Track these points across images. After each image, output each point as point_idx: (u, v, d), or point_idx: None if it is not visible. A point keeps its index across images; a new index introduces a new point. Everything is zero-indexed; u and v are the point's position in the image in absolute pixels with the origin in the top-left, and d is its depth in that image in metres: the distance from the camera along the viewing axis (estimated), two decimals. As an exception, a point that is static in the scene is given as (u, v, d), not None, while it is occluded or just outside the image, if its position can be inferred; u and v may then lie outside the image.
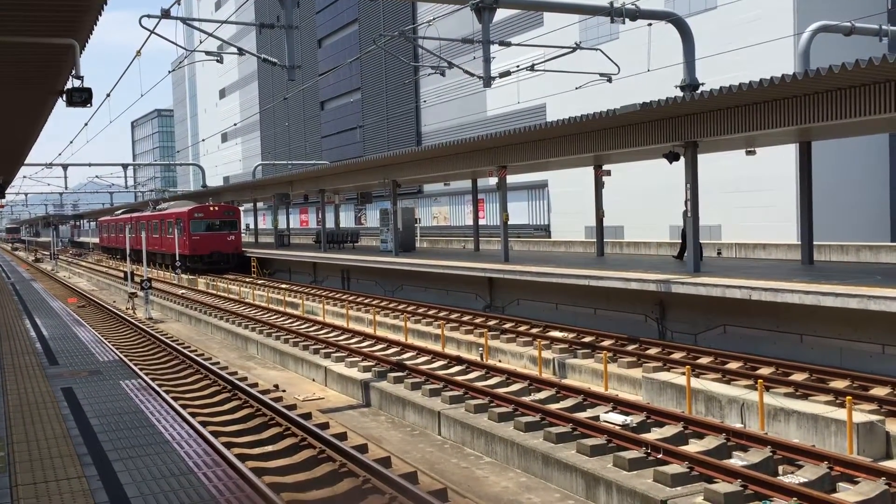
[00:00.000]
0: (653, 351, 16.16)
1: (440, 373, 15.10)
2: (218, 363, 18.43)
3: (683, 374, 12.76)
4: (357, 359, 17.05)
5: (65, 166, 54.83)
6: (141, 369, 17.23)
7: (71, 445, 7.45)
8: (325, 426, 12.49)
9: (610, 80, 21.46)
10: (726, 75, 23.66)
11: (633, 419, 11.43)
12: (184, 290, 35.60)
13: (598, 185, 25.03)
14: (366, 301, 27.43)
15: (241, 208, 52.39)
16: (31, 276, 43.29)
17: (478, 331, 19.81)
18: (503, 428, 11.57)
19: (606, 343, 17.19)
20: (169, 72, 22.91)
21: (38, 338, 15.05)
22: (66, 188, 65.24)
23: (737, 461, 9.66)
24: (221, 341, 23.51)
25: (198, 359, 18.03)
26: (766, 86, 13.91)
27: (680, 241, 22.90)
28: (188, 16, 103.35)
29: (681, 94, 18.21)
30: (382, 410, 14.36)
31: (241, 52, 18.47)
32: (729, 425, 10.86)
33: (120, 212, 68.36)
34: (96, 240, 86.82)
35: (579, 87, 23.95)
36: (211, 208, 44.31)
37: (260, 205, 58.07)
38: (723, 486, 8.69)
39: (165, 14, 16.56)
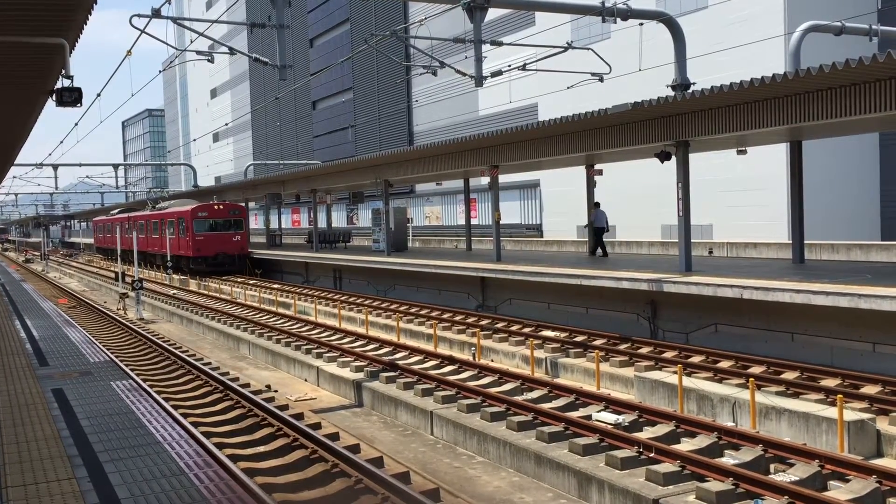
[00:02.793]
0: (645, 350, 16.19)
1: (432, 372, 15.10)
2: (209, 363, 18.38)
3: (675, 372, 12.78)
4: (349, 359, 17.03)
5: (55, 166, 54.54)
6: (132, 370, 17.16)
7: (61, 447, 7.41)
8: (317, 426, 12.47)
9: (601, 80, 21.49)
10: (717, 75, 23.72)
11: (625, 418, 11.45)
12: (175, 291, 35.49)
13: (590, 185, 25.05)
14: (358, 301, 27.40)
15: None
16: (22, 276, 43.10)
17: (470, 330, 19.81)
18: (495, 427, 11.57)
19: (598, 342, 17.22)
20: (160, 71, 22.85)
21: (28, 339, 14.98)
22: (56, 188, 64.93)
23: (728, 460, 9.68)
24: (213, 342, 23.45)
25: (189, 359, 17.98)
26: (757, 85, 13.94)
27: (589, 237, 25.65)
28: (179, 15, 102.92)
29: (672, 93, 18.25)
30: (375, 410, 14.34)
31: (232, 51, 18.42)
32: (721, 424, 10.89)
33: (116, 211, 66.77)
34: (87, 240, 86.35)
35: (571, 86, 23.97)
36: (215, 207, 41.93)
37: (252, 205, 57.96)
38: (715, 485, 8.71)
39: (156, 13, 16.51)
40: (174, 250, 42.39)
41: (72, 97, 11.15)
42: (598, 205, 24.89)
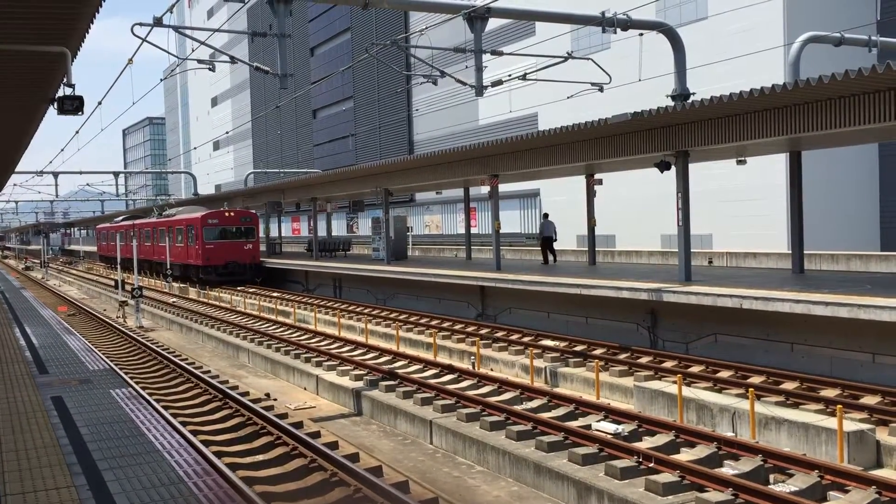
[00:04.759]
0: (644, 360, 16.18)
1: (432, 381, 15.09)
2: (209, 372, 18.36)
3: (675, 382, 12.77)
4: (349, 367, 17.02)
5: (55, 174, 54.62)
6: (131, 378, 17.15)
7: (60, 455, 7.40)
8: (316, 435, 12.46)
9: (601, 90, 21.52)
10: (717, 85, 23.78)
11: (624, 428, 11.44)
12: (175, 299, 35.48)
13: (590, 194, 25.08)
14: (357, 310, 27.39)
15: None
16: (21, 284, 43.09)
17: (470, 339, 19.80)
18: (495, 437, 11.56)
19: (598, 352, 17.21)
20: (161, 80, 22.91)
21: (27, 346, 14.97)
22: (56, 196, 64.96)
23: (728, 470, 9.67)
24: (212, 350, 23.43)
25: (188, 367, 17.96)
26: (757, 96, 13.98)
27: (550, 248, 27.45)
28: (180, 24, 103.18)
29: (672, 103, 18.29)
30: (374, 419, 14.32)
31: (233, 60, 18.47)
32: (720, 434, 10.88)
33: (121, 218, 65.64)
34: (87, 248, 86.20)
35: (571, 96, 24.02)
36: (226, 214, 40.28)
37: (252, 213, 57.81)
38: (714, 495, 8.70)
39: (157, 22, 16.54)
40: (183, 259, 41.54)
41: (73, 105, 11.17)
42: (546, 216, 27.34)
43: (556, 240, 27.35)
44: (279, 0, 15.99)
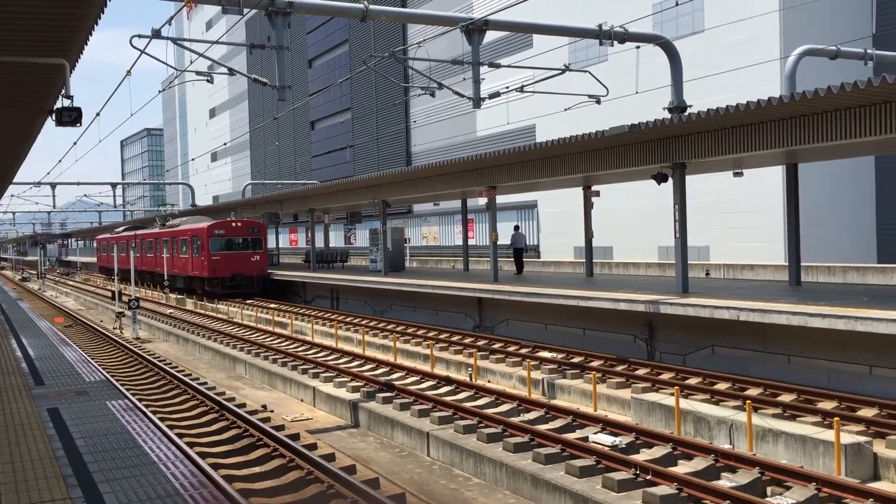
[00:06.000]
0: (641, 371, 16.18)
1: (429, 393, 15.07)
2: (205, 383, 18.32)
3: (672, 394, 12.77)
4: (346, 379, 16.99)
5: (53, 185, 54.59)
6: (128, 389, 17.10)
7: (56, 467, 7.38)
8: (313, 447, 12.42)
9: (599, 102, 21.62)
10: (714, 97, 23.86)
11: (622, 440, 11.43)
12: (172, 310, 35.43)
13: (588, 206, 25.12)
14: (355, 321, 27.37)
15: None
16: (18, 295, 43.01)
17: (467, 351, 19.79)
18: (492, 449, 11.54)
19: (595, 363, 17.20)
20: (159, 91, 22.90)
21: (23, 358, 14.93)
22: (54, 207, 64.89)
23: (725, 482, 9.66)
24: (209, 361, 23.38)
25: (185, 379, 17.92)
26: (753, 108, 14.04)
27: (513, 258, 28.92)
28: (179, 36, 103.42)
29: (669, 115, 18.36)
30: (371, 431, 14.29)
31: (231, 72, 18.52)
32: (717, 446, 10.87)
33: (121, 229, 64.60)
34: (85, 259, 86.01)
35: (568, 108, 24.09)
36: (233, 224, 39.01)
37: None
38: (712, 508, 8.68)
39: (156, 34, 16.58)
40: (187, 270, 40.97)
41: (71, 117, 11.20)
42: (517, 228, 28.56)
43: (526, 251, 27.98)
44: (278, 12, 16.06)
